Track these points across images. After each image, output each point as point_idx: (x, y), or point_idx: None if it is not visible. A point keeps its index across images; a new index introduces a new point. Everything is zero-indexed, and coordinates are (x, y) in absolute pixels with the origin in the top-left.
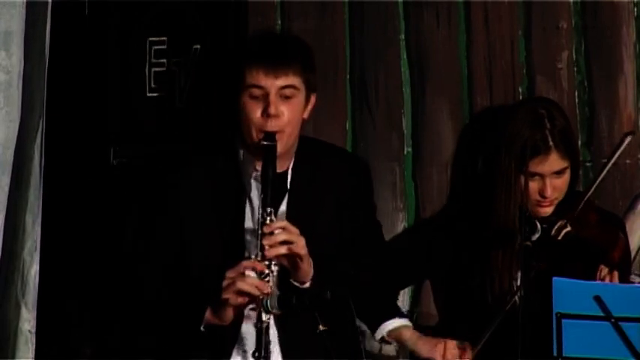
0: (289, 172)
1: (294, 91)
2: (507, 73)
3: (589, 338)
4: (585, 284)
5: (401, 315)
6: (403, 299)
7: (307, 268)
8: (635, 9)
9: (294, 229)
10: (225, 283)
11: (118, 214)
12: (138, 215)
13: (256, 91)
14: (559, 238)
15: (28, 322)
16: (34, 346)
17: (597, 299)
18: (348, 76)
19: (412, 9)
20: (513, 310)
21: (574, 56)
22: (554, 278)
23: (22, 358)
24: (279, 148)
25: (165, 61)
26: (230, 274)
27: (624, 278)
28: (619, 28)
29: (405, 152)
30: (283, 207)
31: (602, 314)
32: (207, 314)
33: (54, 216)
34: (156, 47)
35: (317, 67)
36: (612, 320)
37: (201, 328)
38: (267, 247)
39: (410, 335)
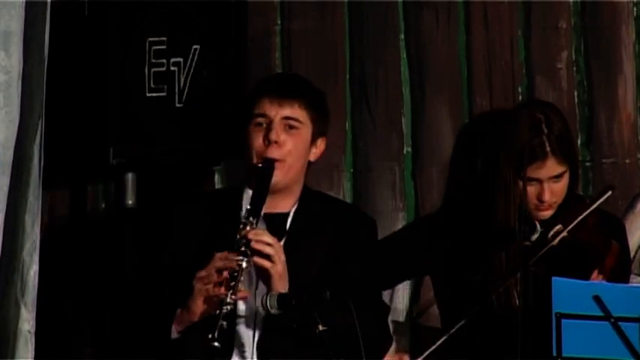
0: (291, 214)
1: (299, 124)
2: (507, 73)
3: (588, 338)
4: (584, 284)
5: None
6: (402, 298)
7: (278, 282)
8: (635, 9)
9: (271, 239)
10: (198, 274)
11: (117, 214)
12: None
13: (261, 120)
14: (554, 242)
15: (27, 322)
16: (34, 346)
17: (597, 299)
18: (347, 76)
19: (412, 9)
20: (511, 310)
21: (573, 56)
22: (554, 278)
23: (21, 358)
24: (279, 177)
25: (165, 61)
26: (200, 273)
27: (620, 282)
28: (618, 28)
29: (405, 152)
30: None
31: (601, 314)
32: (178, 312)
33: (53, 216)
34: (156, 47)
35: (317, 67)
36: (612, 320)
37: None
38: (253, 241)
39: None
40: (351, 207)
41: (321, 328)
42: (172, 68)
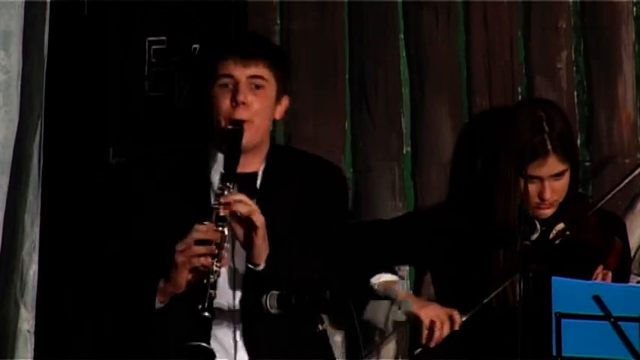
0: (260, 173)
1: (264, 82)
2: (506, 72)
3: (588, 338)
4: (584, 284)
5: (391, 271)
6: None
7: (262, 245)
8: (635, 9)
9: (251, 202)
10: (179, 247)
11: (117, 213)
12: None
13: (226, 81)
14: (556, 241)
15: (27, 321)
16: (33, 345)
17: (596, 299)
18: (347, 76)
19: (412, 9)
20: (510, 308)
21: (573, 56)
22: (554, 278)
23: (21, 358)
24: (247, 138)
25: (164, 61)
26: (180, 246)
27: (621, 282)
28: (618, 28)
29: (404, 152)
30: None
31: (601, 314)
32: (161, 284)
33: (53, 216)
34: (155, 47)
35: (317, 67)
36: (611, 320)
37: (160, 303)
38: (221, 208)
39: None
40: (318, 159)
41: (320, 327)
42: (172, 68)
